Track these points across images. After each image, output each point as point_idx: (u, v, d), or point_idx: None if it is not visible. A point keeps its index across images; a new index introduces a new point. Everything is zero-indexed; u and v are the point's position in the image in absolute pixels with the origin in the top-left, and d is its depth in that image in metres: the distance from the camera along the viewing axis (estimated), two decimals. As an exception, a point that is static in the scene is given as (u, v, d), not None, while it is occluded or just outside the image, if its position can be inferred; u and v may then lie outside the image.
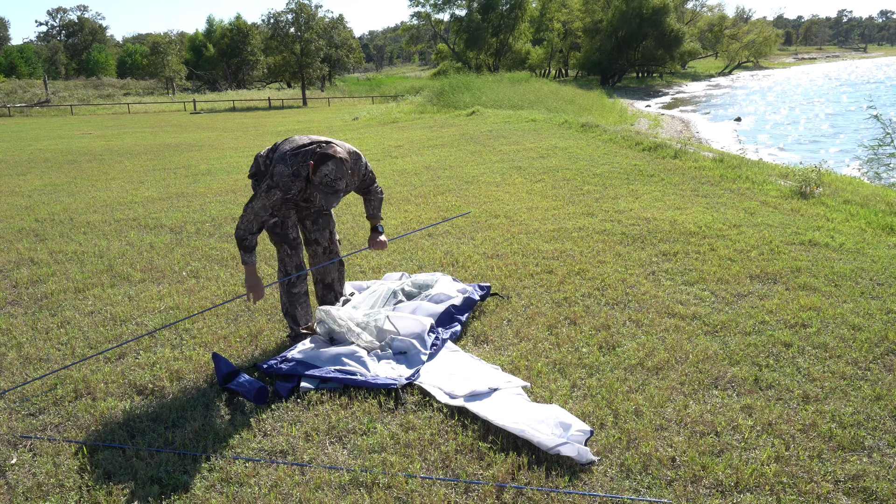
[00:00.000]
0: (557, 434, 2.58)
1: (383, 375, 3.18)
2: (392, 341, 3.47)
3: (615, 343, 3.54)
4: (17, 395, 3.21)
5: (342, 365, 3.24)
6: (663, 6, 49.69)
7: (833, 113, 27.87)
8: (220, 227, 6.60)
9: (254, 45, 53.22)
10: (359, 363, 3.26)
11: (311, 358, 3.32)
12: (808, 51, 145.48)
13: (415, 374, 3.19)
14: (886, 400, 2.91)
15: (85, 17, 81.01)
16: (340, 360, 3.27)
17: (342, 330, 3.45)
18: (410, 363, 3.33)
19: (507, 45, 49.90)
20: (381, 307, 3.85)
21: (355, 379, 3.13)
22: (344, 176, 3.14)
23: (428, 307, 3.77)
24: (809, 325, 3.69)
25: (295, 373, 3.22)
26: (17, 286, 4.91)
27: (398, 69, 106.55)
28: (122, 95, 49.22)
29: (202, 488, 2.46)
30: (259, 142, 15.76)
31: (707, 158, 9.14)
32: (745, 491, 2.36)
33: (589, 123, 13.83)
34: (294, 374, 3.22)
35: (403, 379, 3.14)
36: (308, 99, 42.95)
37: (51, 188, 9.42)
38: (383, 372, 3.23)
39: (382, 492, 2.40)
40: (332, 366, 3.24)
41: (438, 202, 7.32)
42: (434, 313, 3.71)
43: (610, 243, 5.37)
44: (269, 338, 3.77)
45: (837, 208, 6.29)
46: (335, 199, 3.16)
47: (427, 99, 26.00)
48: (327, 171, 3.09)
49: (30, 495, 2.47)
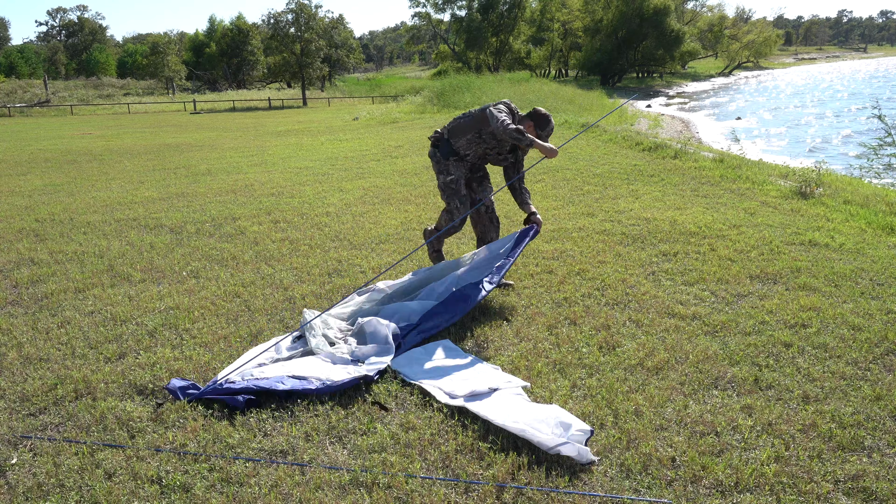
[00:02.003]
0: (557, 434, 2.58)
1: (338, 379, 3.11)
2: (361, 340, 3.57)
3: (615, 343, 3.54)
4: (18, 394, 3.22)
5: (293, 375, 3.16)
6: (664, 6, 49.69)
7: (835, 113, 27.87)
8: (220, 227, 6.60)
9: (254, 45, 53.23)
10: (312, 370, 3.20)
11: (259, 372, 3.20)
12: (808, 51, 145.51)
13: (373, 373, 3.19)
14: (886, 400, 2.91)
15: (85, 17, 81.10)
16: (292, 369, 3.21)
17: (311, 335, 3.55)
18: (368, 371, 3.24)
19: (507, 45, 49.90)
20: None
21: (307, 387, 3.05)
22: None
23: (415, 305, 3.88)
24: (809, 325, 3.69)
25: (245, 388, 3.03)
26: (18, 286, 4.91)
27: (398, 69, 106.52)
28: (122, 95, 49.23)
29: (202, 488, 2.46)
30: (259, 142, 15.77)
31: (707, 158, 9.14)
32: (745, 491, 2.36)
33: (589, 123, 13.83)
34: (244, 390, 3.03)
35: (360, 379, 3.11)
36: (308, 99, 42.96)
37: (51, 188, 9.42)
38: (338, 375, 3.16)
39: (382, 492, 2.40)
40: (283, 375, 3.15)
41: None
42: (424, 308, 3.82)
43: (610, 243, 5.37)
44: (269, 338, 3.77)
45: (837, 208, 6.29)
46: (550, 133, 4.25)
47: (427, 99, 26.01)
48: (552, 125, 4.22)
49: (30, 495, 2.47)
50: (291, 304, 4.31)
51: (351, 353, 3.44)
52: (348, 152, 12.60)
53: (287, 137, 16.80)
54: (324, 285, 4.61)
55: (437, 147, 4.38)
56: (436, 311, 3.75)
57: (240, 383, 3.08)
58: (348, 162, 11.18)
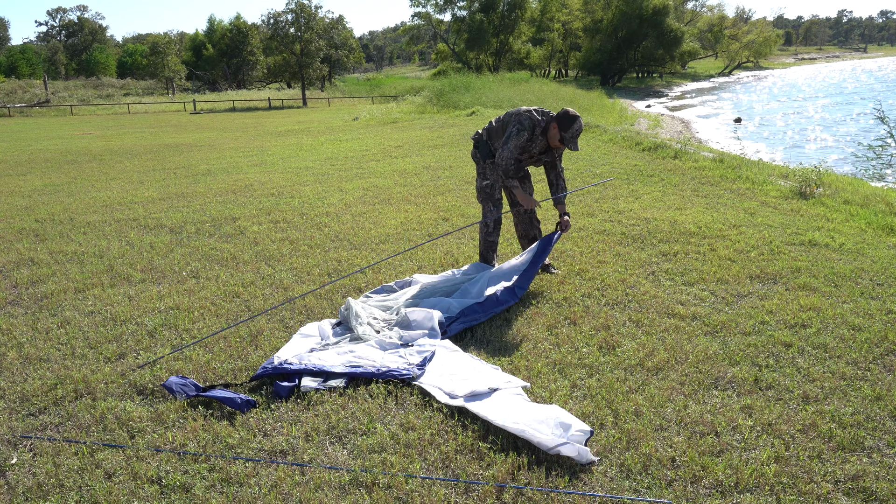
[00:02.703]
0: (557, 434, 2.58)
1: (393, 366, 3.27)
2: (405, 328, 3.72)
3: (615, 343, 3.54)
4: (17, 394, 3.22)
5: (349, 360, 3.33)
6: (663, 6, 49.66)
7: (835, 113, 27.86)
8: (220, 227, 6.60)
9: (254, 45, 53.21)
10: (365, 356, 3.37)
11: (316, 357, 3.37)
12: (808, 51, 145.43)
13: (424, 363, 3.29)
14: (886, 400, 2.91)
15: (85, 17, 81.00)
16: (346, 356, 3.37)
17: (357, 322, 3.72)
18: (420, 352, 3.42)
19: (507, 46, 49.89)
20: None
21: (364, 371, 3.20)
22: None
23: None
24: (809, 325, 3.69)
25: (304, 369, 3.23)
26: (17, 286, 4.91)
27: (398, 69, 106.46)
28: (122, 95, 49.19)
29: (202, 488, 2.46)
30: (259, 142, 15.77)
31: (707, 159, 9.14)
32: (745, 491, 2.36)
33: (589, 123, 13.83)
34: (301, 372, 3.22)
35: (415, 367, 3.24)
36: (308, 99, 42.94)
37: (51, 188, 9.42)
38: (392, 363, 3.31)
39: (382, 492, 2.40)
40: (338, 361, 3.30)
41: (438, 202, 7.32)
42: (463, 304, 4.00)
43: (610, 243, 5.37)
44: (269, 338, 3.77)
45: (837, 209, 6.29)
46: (576, 145, 4.19)
47: (427, 99, 25.99)
48: (578, 126, 4.13)
49: (30, 495, 2.47)
50: (291, 303, 4.31)
51: (399, 337, 3.63)
52: (348, 152, 12.60)
53: (287, 137, 16.80)
54: (324, 285, 4.61)
55: (478, 148, 4.48)
56: (474, 309, 3.95)
57: (297, 365, 3.25)
58: (348, 162, 11.18)
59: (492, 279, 4.27)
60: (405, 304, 4.07)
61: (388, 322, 3.89)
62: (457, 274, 4.52)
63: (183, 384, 3.11)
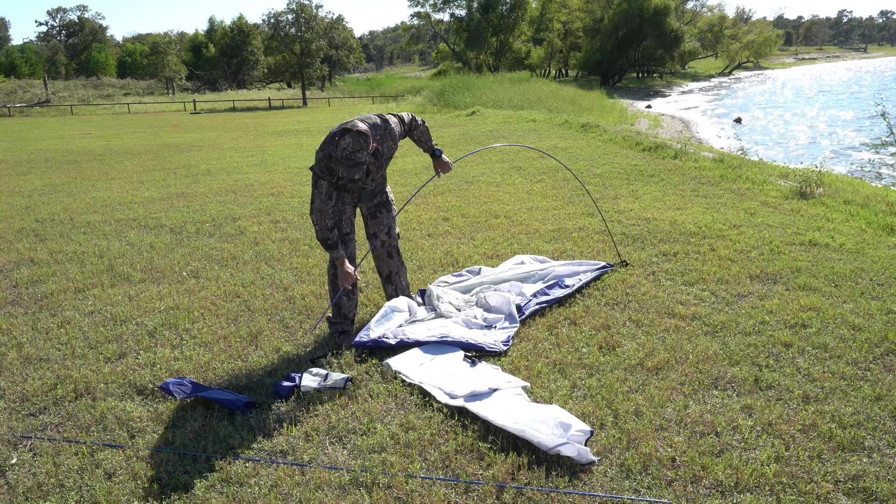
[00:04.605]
0: (557, 434, 2.58)
1: (481, 340, 3.55)
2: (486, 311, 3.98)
3: (615, 343, 3.54)
4: (17, 394, 3.22)
5: (439, 332, 3.63)
6: (664, 6, 49.65)
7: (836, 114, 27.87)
8: (220, 227, 6.60)
9: (254, 45, 53.21)
10: (453, 331, 3.67)
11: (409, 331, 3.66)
12: (808, 51, 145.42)
13: (508, 340, 3.57)
14: (886, 400, 2.91)
15: (85, 17, 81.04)
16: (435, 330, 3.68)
17: (439, 302, 4.01)
18: (503, 331, 3.70)
19: (507, 45, 49.87)
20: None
21: (455, 339, 3.52)
22: (363, 147, 3.27)
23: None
24: (809, 325, 3.69)
25: (399, 343, 3.50)
26: (18, 286, 4.91)
27: (398, 69, 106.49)
28: (122, 95, 49.18)
29: (202, 488, 2.46)
30: (259, 142, 15.77)
31: (707, 159, 9.14)
32: (745, 491, 2.36)
33: (589, 123, 13.83)
34: (397, 345, 3.49)
35: (500, 344, 3.51)
36: (308, 99, 42.96)
37: (51, 188, 9.42)
38: (480, 338, 3.58)
39: (382, 492, 2.40)
40: (428, 335, 3.59)
41: (438, 202, 7.33)
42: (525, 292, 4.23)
43: (610, 243, 5.37)
44: (269, 338, 3.77)
45: (837, 209, 6.29)
46: (358, 169, 3.28)
47: (427, 99, 26.01)
48: (345, 144, 3.24)
49: (30, 495, 2.47)
50: (291, 304, 4.31)
51: (484, 318, 3.88)
52: (348, 152, 12.58)
53: (287, 137, 16.80)
54: (324, 285, 4.61)
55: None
56: (543, 292, 4.19)
57: (392, 339, 3.54)
58: (348, 162, 11.16)
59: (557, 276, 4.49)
60: (482, 288, 4.33)
61: (468, 303, 4.15)
62: (525, 262, 4.77)
63: (180, 384, 3.11)
